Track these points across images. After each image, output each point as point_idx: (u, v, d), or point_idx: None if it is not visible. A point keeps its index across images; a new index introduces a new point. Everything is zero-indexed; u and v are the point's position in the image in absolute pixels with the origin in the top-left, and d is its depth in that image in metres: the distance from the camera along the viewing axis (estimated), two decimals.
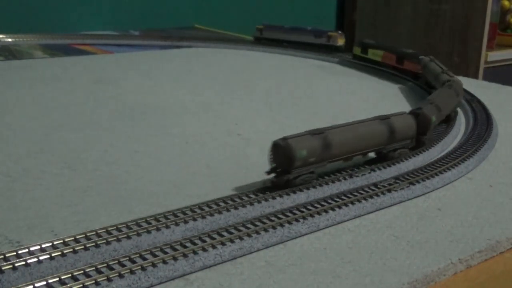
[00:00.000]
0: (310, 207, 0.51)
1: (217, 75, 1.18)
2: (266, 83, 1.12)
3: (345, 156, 0.58)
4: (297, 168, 0.53)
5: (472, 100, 0.93)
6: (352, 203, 0.53)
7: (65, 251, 0.42)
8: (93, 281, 0.39)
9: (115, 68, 1.21)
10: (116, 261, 0.41)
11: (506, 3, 2.11)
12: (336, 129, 0.57)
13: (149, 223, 0.47)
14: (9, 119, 0.82)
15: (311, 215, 0.50)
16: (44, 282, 0.38)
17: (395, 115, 0.63)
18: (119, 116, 0.85)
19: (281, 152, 0.53)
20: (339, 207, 0.52)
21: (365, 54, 1.27)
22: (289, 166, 0.53)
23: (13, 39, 1.45)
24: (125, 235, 0.45)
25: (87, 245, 0.43)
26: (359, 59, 1.29)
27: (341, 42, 1.38)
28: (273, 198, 0.53)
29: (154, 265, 0.41)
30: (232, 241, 0.45)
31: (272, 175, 0.54)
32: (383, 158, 0.62)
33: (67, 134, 0.76)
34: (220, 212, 0.49)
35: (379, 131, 0.60)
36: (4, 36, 1.44)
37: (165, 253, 0.43)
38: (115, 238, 0.44)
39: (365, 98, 1.01)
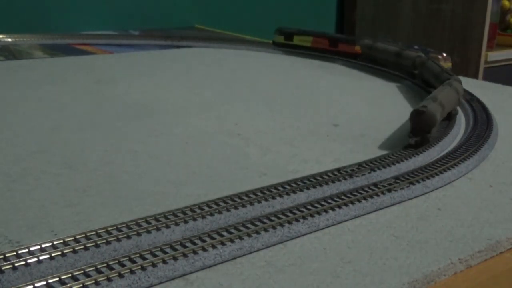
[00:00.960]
0: (310, 207, 0.51)
1: (217, 75, 1.18)
2: (266, 83, 1.12)
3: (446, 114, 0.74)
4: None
5: (472, 100, 0.93)
6: (352, 203, 0.53)
7: (65, 251, 0.42)
8: (93, 281, 0.39)
9: (115, 68, 1.21)
10: (116, 261, 0.41)
11: (506, 3, 2.12)
12: (443, 93, 0.73)
13: (149, 223, 0.47)
14: (9, 119, 0.82)
15: (311, 215, 0.50)
16: (44, 282, 0.38)
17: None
18: (119, 116, 0.85)
19: (424, 118, 0.68)
20: (339, 207, 0.52)
21: (290, 41, 1.37)
22: (431, 127, 0.69)
23: (13, 39, 1.45)
24: (125, 235, 0.45)
25: (87, 245, 0.43)
26: (283, 46, 1.38)
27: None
28: (273, 198, 0.53)
29: (154, 265, 0.41)
30: (232, 241, 0.45)
31: (413, 138, 0.68)
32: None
33: (67, 134, 0.76)
34: (220, 212, 0.49)
35: (455, 95, 0.80)
36: (4, 36, 1.44)
37: (165, 253, 0.43)
38: (115, 238, 0.44)
39: (365, 98, 1.01)
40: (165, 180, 0.60)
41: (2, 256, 0.41)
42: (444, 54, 1.22)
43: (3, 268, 0.39)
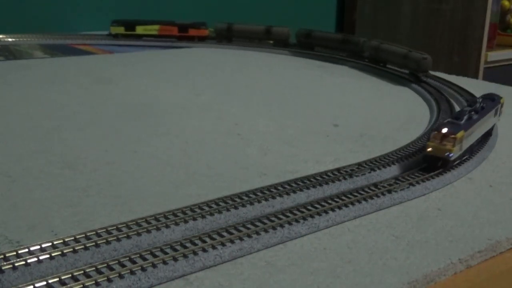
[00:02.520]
0: (310, 207, 0.51)
1: (217, 75, 1.18)
2: (266, 83, 1.12)
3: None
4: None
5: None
6: (352, 203, 0.53)
7: (65, 251, 0.42)
8: (93, 282, 0.39)
9: (115, 68, 1.21)
10: (116, 261, 0.41)
11: (506, 3, 2.12)
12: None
13: (149, 223, 0.47)
14: (9, 119, 0.82)
15: (311, 216, 0.50)
16: (44, 282, 0.38)
17: None
18: (119, 116, 0.85)
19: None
20: (339, 207, 0.52)
21: (133, 31, 1.48)
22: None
23: (13, 39, 1.45)
24: (125, 235, 0.45)
25: (87, 245, 0.43)
26: (124, 37, 1.48)
27: None
28: (273, 198, 0.53)
29: (154, 265, 0.41)
30: (232, 241, 0.45)
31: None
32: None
33: (67, 134, 0.76)
34: (220, 212, 0.49)
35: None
36: (4, 36, 1.44)
37: (165, 253, 0.43)
38: (115, 238, 0.44)
39: (365, 98, 1.01)
40: (165, 180, 0.60)
41: (2, 256, 0.41)
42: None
43: (3, 268, 0.39)
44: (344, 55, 1.34)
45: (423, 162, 0.62)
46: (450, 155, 0.60)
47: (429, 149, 0.61)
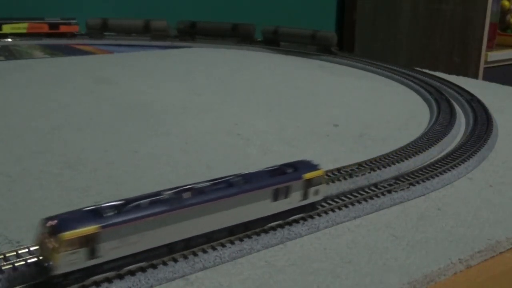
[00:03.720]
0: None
1: (217, 75, 1.18)
2: (266, 83, 1.12)
3: None
4: None
5: (472, 100, 0.93)
6: (352, 204, 0.53)
7: None
8: (93, 282, 0.39)
9: (115, 68, 1.21)
10: None
11: (506, 3, 2.12)
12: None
13: None
14: (9, 119, 0.82)
15: (311, 217, 0.50)
16: None
17: None
18: (119, 116, 0.85)
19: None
20: (339, 208, 0.52)
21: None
22: None
23: (13, 39, 1.44)
24: None
25: None
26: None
27: None
28: None
29: (154, 266, 0.41)
30: (232, 242, 0.45)
31: None
32: None
33: (67, 134, 0.76)
34: None
35: None
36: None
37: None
38: None
39: (365, 98, 1.01)
40: (165, 180, 0.60)
41: (2, 256, 0.41)
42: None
43: (3, 268, 0.39)
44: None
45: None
46: (48, 264, 0.36)
47: (37, 247, 0.39)
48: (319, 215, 0.50)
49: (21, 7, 1.61)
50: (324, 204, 0.52)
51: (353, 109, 0.93)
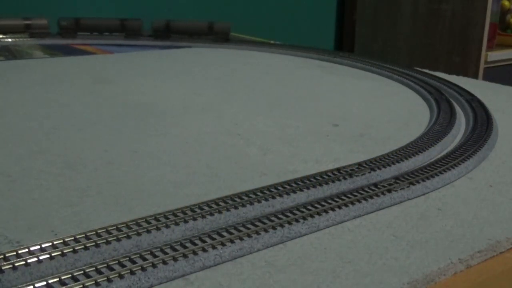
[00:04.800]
0: (310, 207, 0.51)
1: (217, 75, 1.18)
2: (266, 83, 1.12)
3: None
4: None
5: (472, 100, 0.93)
6: (352, 203, 0.53)
7: (65, 251, 0.42)
8: (93, 282, 0.39)
9: (115, 68, 1.21)
10: (116, 261, 0.41)
11: (506, 3, 2.12)
12: None
13: (149, 223, 0.47)
14: (9, 119, 0.82)
15: (311, 216, 0.50)
16: (44, 282, 0.38)
17: None
18: (119, 116, 0.85)
19: None
20: (339, 207, 0.52)
21: None
22: None
23: (13, 39, 1.45)
24: (125, 235, 0.45)
25: (87, 245, 0.43)
26: None
27: None
28: (273, 198, 0.53)
29: (154, 265, 0.41)
30: (232, 241, 0.45)
31: None
32: None
33: (67, 134, 0.76)
34: (220, 212, 0.49)
35: None
36: (4, 36, 1.44)
37: (165, 253, 0.43)
38: (115, 238, 0.44)
39: (365, 98, 1.01)
40: (165, 180, 0.60)
41: (2, 256, 0.41)
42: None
43: (3, 268, 0.39)
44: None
45: None
46: None
47: None
48: (319, 214, 0.50)
49: None
50: (324, 203, 0.52)
51: (353, 109, 0.93)
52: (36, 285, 0.38)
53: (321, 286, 0.42)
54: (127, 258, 0.42)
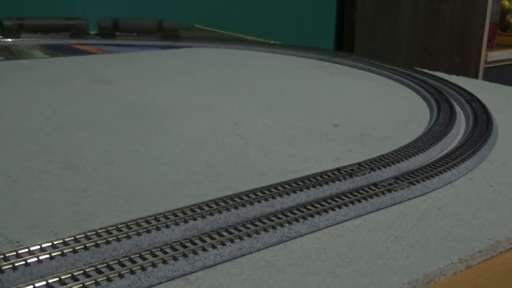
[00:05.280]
0: (310, 207, 0.51)
1: (217, 75, 1.18)
2: (266, 83, 1.12)
3: None
4: None
5: (472, 100, 0.93)
6: (352, 203, 0.53)
7: (65, 251, 0.42)
8: (93, 281, 0.39)
9: (115, 68, 1.21)
10: (116, 261, 0.41)
11: (506, 3, 2.12)
12: None
13: (149, 223, 0.47)
14: (9, 119, 0.82)
15: (311, 215, 0.50)
16: (44, 282, 0.38)
17: None
18: (119, 116, 0.85)
19: None
20: (339, 207, 0.52)
21: None
22: None
23: (13, 39, 1.45)
24: (125, 235, 0.45)
25: (87, 245, 0.43)
26: None
27: None
28: (273, 198, 0.53)
29: (154, 265, 0.41)
30: (232, 241, 0.45)
31: None
32: None
33: (67, 134, 0.76)
34: (220, 212, 0.49)
35: None
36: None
37: (165, 253, 0.43)
38: (115, 238, 0.44)
39: (365, 98, 1.01)
40: (165, 180, 0.60)
41: (2, 256, 0.41)
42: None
43: (3, 268, 0.39)
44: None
45: None
46: None
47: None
48: (319, 213, 0.50)
49: None
50: (324, 203, 0.52)
51: (353, 109, 0.93)
52: (36, 285, 0.38)
53: (321, 286, 0.42)
54: (127, 258, 0.42)
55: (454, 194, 0.59)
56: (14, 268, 0.40)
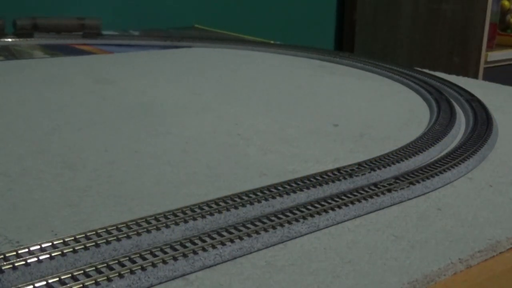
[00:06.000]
0: (310, 207, 0.51)
1: (217, 75, 1.18)
2: (266, 83, 1.12)
3: None
4: None
5: (472, 100, 0.93)
6: (352, 203, 0.53)
7: (65, 251, 0.42)
8: (93, 281, 0.39)
9: (115, 68, 1.21)
10: (116, 261, 0.41)
11: (506, 3, 2.12)
12: None
13: (149, 223, 0.47)
14: (9, 119, 0.82)
15: (311, 215, 0.50)
16: (44, 282, 0.38)
17: None
18: (119, 116, 0.85)
19: None
20: (339, 207, 0.52)
21: None
22: None
23: (13, 39, 1.45)
24: (125, 235, 0.45)
25: (87, 245, 0.43)
26: None
27: None
28: (273, 198, 0.53)
29: (154, 265, 0.41)
30: (232, 241, 0.45)
31: None
32: None
33: (67, 134, 0.76)
34: (220, 212, 0.49)
35: None
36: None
37: (165, 253, 0.43)
38: (115, 238, 0.44)
39: (365, 98, 1.01)
40: (165, 180, 0.60)
41: (2, 256, 0.41)
42: None
43: (3, 268, 0.39)
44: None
45: None
46: None
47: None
48: (319, 213, 0.50)
49: None
50: (323, 203, 0.52)
51: (353, 109, 0.93)
52: (36, 285, 0.38)
53: (321, 286, 0.42)
54: (127, 258, 0.42)
55: (454, 194, 0.59)
56: (14, 268, 0.40)
